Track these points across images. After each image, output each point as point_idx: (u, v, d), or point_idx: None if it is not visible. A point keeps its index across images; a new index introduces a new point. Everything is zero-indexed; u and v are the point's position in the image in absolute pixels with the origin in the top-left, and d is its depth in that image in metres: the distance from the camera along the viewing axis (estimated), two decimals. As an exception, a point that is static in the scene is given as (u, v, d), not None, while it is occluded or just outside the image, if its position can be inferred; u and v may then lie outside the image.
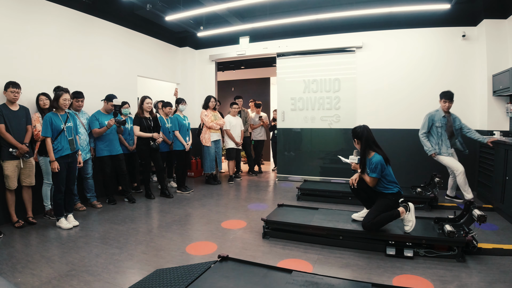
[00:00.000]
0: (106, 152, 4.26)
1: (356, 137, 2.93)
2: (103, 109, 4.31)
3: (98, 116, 4.22)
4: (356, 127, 2.97)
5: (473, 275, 2.33)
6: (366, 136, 2.86)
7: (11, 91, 3.30)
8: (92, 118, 4.21)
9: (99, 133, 4.15)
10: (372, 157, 2.82)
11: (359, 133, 2.91)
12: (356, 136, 2.93)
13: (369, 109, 5.40)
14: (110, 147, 4.29)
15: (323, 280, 2.04)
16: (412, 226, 2.72)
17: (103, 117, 4.23)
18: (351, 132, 3.04)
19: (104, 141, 4.24)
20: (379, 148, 2.86)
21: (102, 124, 4.18)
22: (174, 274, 2.15)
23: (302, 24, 5.53)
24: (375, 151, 2.83)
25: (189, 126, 5.22)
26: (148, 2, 4.68)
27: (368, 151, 2.86)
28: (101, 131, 4.15)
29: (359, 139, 2.91)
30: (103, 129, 4.15)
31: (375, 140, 2.89)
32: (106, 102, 4.28)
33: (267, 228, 3.14)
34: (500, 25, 4.53)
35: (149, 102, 4.57)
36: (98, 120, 4.18)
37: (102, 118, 4.22)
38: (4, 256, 2.68)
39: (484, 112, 4.68)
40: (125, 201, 4.36)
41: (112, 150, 4.30)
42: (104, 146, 4.25)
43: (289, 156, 6.08)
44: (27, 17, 3.75)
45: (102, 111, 4.29)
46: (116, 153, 4.34)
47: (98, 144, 4.26)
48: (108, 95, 4.30)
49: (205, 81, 6.78)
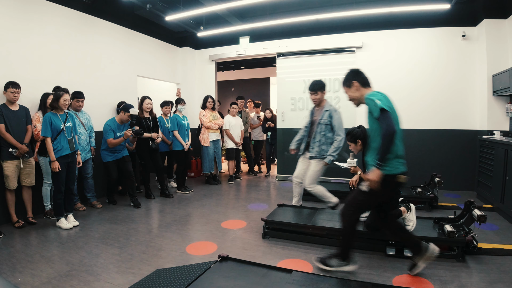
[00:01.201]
0: (111, 158, 4.17)
1: (358, 137, 2.92)
2: (119, 119, 4.15)
3: (113, 126, 4.09)
4: (354, 129, 2.95)
5: (473, 275, 2.33)
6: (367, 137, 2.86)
7: (11, 91, 3.30)
8: (106, 127, 4.07)
9: (114, 144, 4.02)
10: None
11: (359, 134, 2.90)
12: (357, 137, 2.92)
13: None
14: (116, 153, 4.19)
15: (323, 280, 2.04)
16: (413, 226, 2.72)
17: (117, 128, 4.11)
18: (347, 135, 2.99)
19: (109, 149, 4.14)
20: None
21: (116, 135, 4.07)
22: (174, 274, 2.15)
23: (302, 24, 5.53)
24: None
25: (189, 126, 5.22)
26: (148, 2, 4.68)
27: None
28: (116, 142, 4.02)
29: (361, 139, 2.90)
30: (120, 140, 4.03)
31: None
32: (123, 113, 4.10)
33: (267, 228, 3.14)
34: (500, 25, 4.53)
35: (148, 103, 4.56)
36: (114, 131, 4.07)
37: (116, 129, 4.10)
38: (4, 256, 2.68)
39: (484, 112, 4.67)
40: (131, 205, 4.26)
41: (117, 155, 4.20)
42: (109, 152, 4.16)
43: (289, 156, 6.07)
44: (27, 17, 3.75)
45: (117, 121, 4.15)
46: (121, 156, 4.24)
47: (103, 151, 4.17)
48: (124, 105, 4.13)
49: (205, 81, 6.77)
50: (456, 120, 4.97)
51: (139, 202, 4.27)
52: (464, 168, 4.91)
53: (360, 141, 2.94)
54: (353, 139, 2.96)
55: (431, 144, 5.07)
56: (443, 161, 5.00)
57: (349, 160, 2.99)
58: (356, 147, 2.96)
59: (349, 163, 2.99)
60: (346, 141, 3.12)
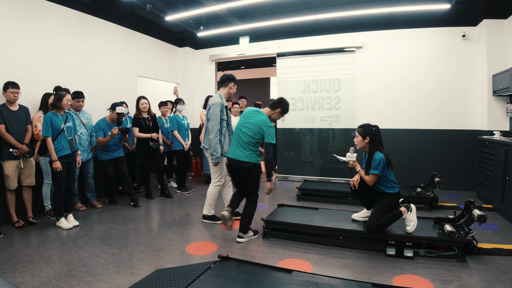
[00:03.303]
0: (106, 156, 4.23)
1: (369, 135, 2.85)
2: (109, 118, 4.23)
3: (103, 125, 4.15)
4: (371, 125, 2.89)
5: (473, 275, 2.33)
6: (378, 137, 2.85)
7: (11, 91, 3.29)
8: (96, 126, 4.16)
9: (103, 143, 4.09)
10: (375, 154, 2.81)
11: (373, 133, 2.85)
12: (369, 135, 2.85)
13: (369, 109, 5.40)
14: (111, 152, 4.25)
15: (323, 280, 2.04)
16: (414, 226, 2.71)
17: (107, 127, 4.16)
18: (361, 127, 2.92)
19: (105, 147, 4.19)
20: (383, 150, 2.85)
21: (106, 133, 4.12)
22: (174, 274, 2.15)
23: (302, 24, 5.53)
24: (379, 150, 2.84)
25: (188, 126, 5.22)
26: (148, 2, 4.68)
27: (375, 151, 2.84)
28: (105, 141, 4.08)
29: (372, 138, 2.86)
30: (107, 138, 4.08)
31: (382, 142, 2.89)
32: (112, 111, 4.19)
33: (267, 228, 3.14)
34: (500, 25, 4.53)
35: (144, 103, 4.54)
36: (103, 130, 4.13)
37: (107, 127, 4.15)
38: (4, 256, 2.68)
39: (484, 112, 4.67)
40: (131, 204, 4.27)
41: (112, 154, 4.26)
42: (104, 151, 4.22)
43: (289, 156, 6.08)
44: (27, 16, 3.75)
45: (107, 120, 4.22)
46: (117, 156, 4.30)
47: (99, 149, 4.23)
48: (112, 104, 4.22)
49: (205, 81, 6.78)
50: (456, 120, 4.97)
51: (138, 200, 4.29)
52: (464, 168, 4.92)
53: (368, 137, 2.89)
54: (364, 134, 2.90)
55: (431, 144, 5.07)
56: (443, 161, 5.00)
57: (348, 154, 2.96)
58: (361, 142, 2.91)
59: (348, 156, 2.96)
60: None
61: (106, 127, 4.17)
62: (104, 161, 4.24)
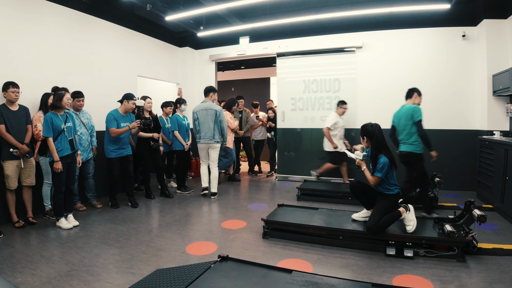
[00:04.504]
0: (115, 154, 4.13)
1: (367, 135, 2.88)
2: (123, 109, 4.15)
3: (116, 115, 4.08)
4: (367, 124, 2.90)
5: (473, 275, 2.33)
6: (378, 136, 2.83)
7: (12, 91, 3.29)
8: (109, 116, 4.06)
9: (117, 133, 4.00)
10: (380, 157, 2.81)
11: (370, 132, 2.85)
12: (367, 135, 2.87)
13: (369, 109, 5.40)
14: (121, 150, 4.17)
15: (323, 280, 2.04)
16: (414, 226, 2.72)
17: (120, 117, 4.11)
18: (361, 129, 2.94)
19: (115, 144, 4.11)
20: (387, 150, 2.83)
21: (119, 124, 4.06)
22: (174, 274, 2.15)
23: (302, 24, 5.53)
24: (383, 153, 2.82)
25: (189, 126, 5.22)
26: (148, 2, 4.68)
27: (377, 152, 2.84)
28: (120, 132, 4.00)
29: (369, 138, 2.87)
30: (124, 129, 4.01)
31: (385, 142, 2.85)
32: (127, 102, 4.11)
33: (267, 228, 3.14)
34: (500, 25, 4.53)
35: (149, 102, 4.57)
36: (117, 120, 4.05)
37: (120, 118, 4.10)
38: (4, 256, 2.68)
39: (484, 112, 4.67)
40: (128, 205, 4.26)
41: (122, 152, 4.18)
42: (115, 148, 4.12)
43: (289, 156, 6.08)
44: (27, 16, 3.75)
45: (120, 112, 4.15)
46: (126, 154, 4.23)
47: (107, 146, 4.13)
48: (126, 94, 4.16)
49: (205, 81, 6.76)
50: (456, 120, 4.98)
51: (136, 202, 4.28)
52: (464, 168, 4.92)
53: (365, 137, 2.90)
54: (361, 134, 2.91)
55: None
56: (443, 161, 4.99)
57: (356, 152, 2.99)
58: (363, 142, 2.93)
59: (356, 154, 2.98)
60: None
61: (119, 118, 4.10)
62: (112, 159, 4.12)
